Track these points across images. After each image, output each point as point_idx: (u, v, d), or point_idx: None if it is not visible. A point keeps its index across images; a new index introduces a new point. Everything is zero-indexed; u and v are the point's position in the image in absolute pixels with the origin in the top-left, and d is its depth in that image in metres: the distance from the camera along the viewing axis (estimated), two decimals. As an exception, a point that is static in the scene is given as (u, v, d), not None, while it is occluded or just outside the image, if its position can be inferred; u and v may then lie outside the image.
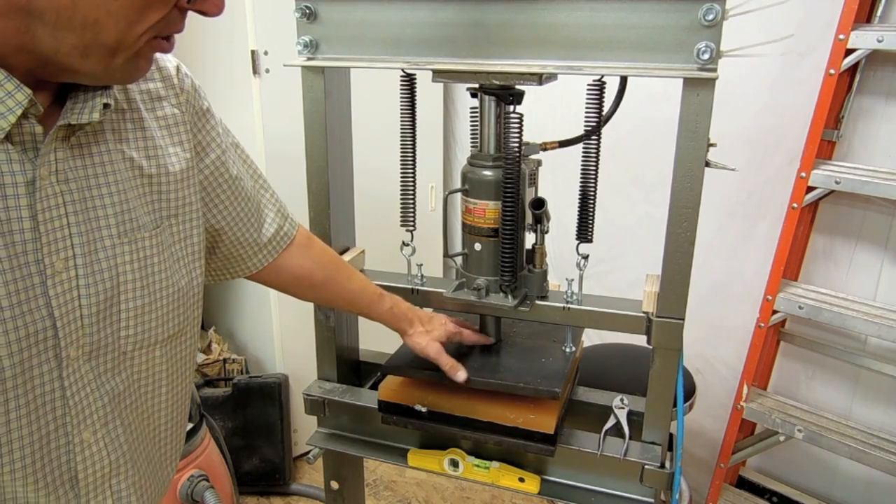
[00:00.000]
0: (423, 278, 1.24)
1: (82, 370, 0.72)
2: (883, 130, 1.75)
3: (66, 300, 0.69)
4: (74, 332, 0.70)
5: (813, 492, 2.04)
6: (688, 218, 0.98)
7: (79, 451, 0.74)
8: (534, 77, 1.00)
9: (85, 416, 0.73)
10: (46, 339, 0.68)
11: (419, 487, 2.47)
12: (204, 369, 2.40)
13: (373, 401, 1.21)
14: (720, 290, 2.08)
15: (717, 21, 0.88)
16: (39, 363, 0.68)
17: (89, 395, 0.73)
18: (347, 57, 1.09)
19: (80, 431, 0.73)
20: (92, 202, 0.70)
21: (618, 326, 1.11)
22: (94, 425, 0.74)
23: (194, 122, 0.85)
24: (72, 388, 0.71)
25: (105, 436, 0.76)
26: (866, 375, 1.88)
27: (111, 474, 0.78)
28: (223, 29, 2.17)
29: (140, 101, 0.78)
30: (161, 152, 0.79)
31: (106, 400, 0.75)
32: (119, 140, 0.74)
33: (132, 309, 0.75)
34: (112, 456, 0.77)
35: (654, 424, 1.11)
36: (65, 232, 0.68)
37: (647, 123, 1.98)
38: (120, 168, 0.73)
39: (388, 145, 1.43)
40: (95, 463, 0.76)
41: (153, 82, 0.80)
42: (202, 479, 1.72)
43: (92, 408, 0.74)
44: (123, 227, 0.73)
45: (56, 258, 0.68)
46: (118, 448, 0.78)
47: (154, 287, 0.77)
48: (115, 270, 0.73)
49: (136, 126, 0.76)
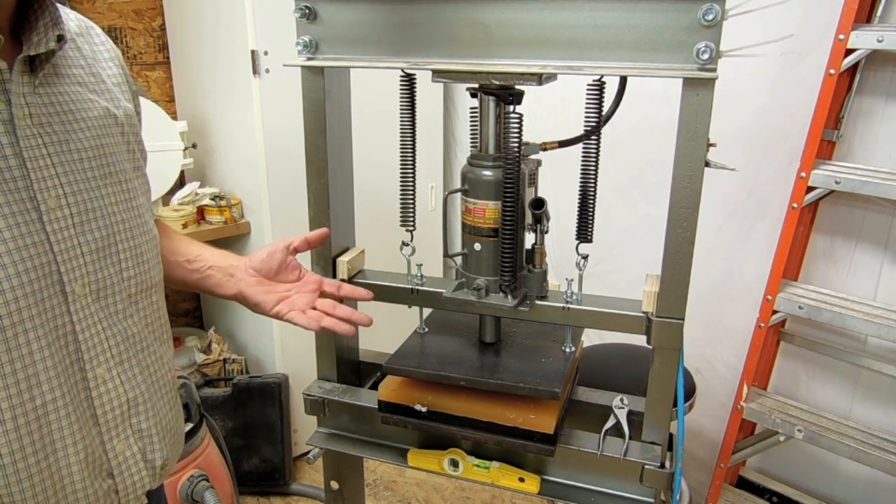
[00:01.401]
0: (422, 278, 1.24)
1: (91, 308, 0.75)
2: (883, 130, 1.75)
3: (64, 237, 0.73)
4: (77, 269, 0.74)
5: (813, 492, 2.04)
6: (688, 218, 0.98)
7: (94, 386, 0.77)
8: (534, 77, 1.00)
9: (97, 352, 0.76)
10: (51, 273, 0.72)
11: (419, 487, 2.47)
12: (204, 369, 2.40)
13: (373, 401, 1.21)
14: (720, 290, 2.08)
15: (717, 21, 0.88)
16: (49, 296, 0.72)
17: (100, 332, 0.77)
18: (347, 57, 1.09)
19: (94, 367, 0.76)
20: (69, 145, 0.74)
21: (618, 326, 1.11)
22: (108, 362, 0.78)
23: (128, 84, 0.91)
24: (81, 325, 0.75)
25: (121, 374, 0.79)
26: (866, 375, 1.88)
27: (130, 412, 0.81)
28: (223, 29, 2.17)
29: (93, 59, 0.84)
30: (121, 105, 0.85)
31: (119, 339, 0.79)
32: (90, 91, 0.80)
33: (128, 250, 0.79)
34: (130, 394, 0.80)
35: (654, 424, 1.11)
36: (51, 171, 0.72)
37: (647, 123, 1.98)
38: (93, 115, 0.78)
39: (388, 145, 1.43)
40: (113, 399, 0.79)
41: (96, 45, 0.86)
42: (202, 479, 1.72)
43: (104, 345, 0.77)
44: (104, 169, 0.77)
45: (48, 195, 0.71)
46: (136, 387, 0.81)
47: (142, 229, 0.81)
48: (107, 210, 0.77)
49: (98, 80, 0.82)
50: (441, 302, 1.21)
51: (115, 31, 2.43)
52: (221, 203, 2.32)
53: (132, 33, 2.47)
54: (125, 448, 0.81)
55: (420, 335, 1.28)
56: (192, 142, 2.34)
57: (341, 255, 1.25)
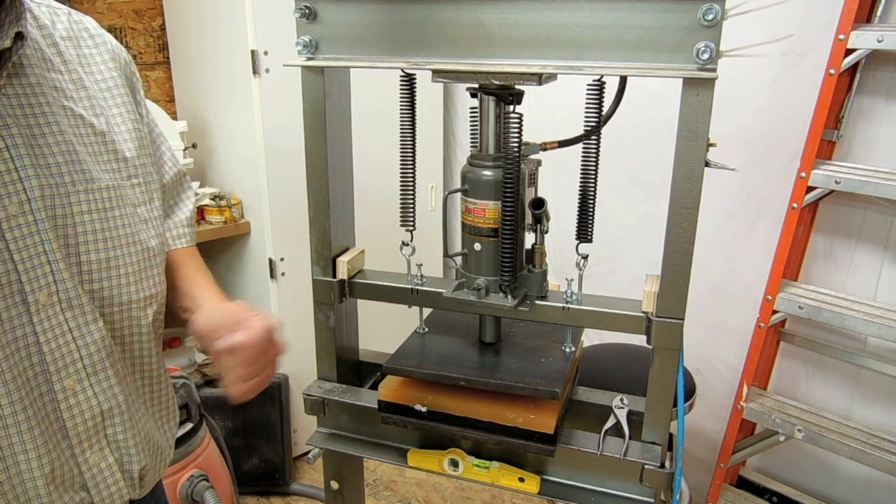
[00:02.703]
0: (422, 278, 1.24)
1: (60, 318, 0.72)
2: (883, 130, 1.75)
3: (26, 244, 0.70)
4: (42, 278, 0.71)
5: (813, 492, 2.04)
6: (688, 218, 0.98)
7: (62, 398, 0.74)
8: (534, 77, 0.99)
9: (66, 363, 0.73)
10: (11, 282, 0.69)
11: (419, 487, 2.47)
12: (204, 369, 2.40)
13: (373, 401, 1.21)
14: (720, 290, 2.08)
15: (717, 21, 0.88)
16: (7, 307, 0.69)
17: (69, 343, 0.73)
18: (347, 57, 1.09)
19: (62, 379, 0.73)
20: (39, 150, 0.72)
21: (618, 326, 1.11)
22: (78, 373, 0.75)
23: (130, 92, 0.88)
24: (46, 335, 0.72)
25: (95, 384, 0.76)
26: (866, 375, 1.88)
27: (105, 423, 0.78)
28: (223, 29, 2.17)
29: (77, 64, 0.81)
30: (107, 112, 0.81)
31: (92, 349, 0.75)
32: (66, 98, 0.77)
33: (95, 262, 0.75)
34: (105, 405, 0.78)
35: (654, 424, 1.11)
36: (13, 176, 0.69)
37: (647, 123, 1.98)
38: (64, 122, 0.75)
39: (388, 145, 1.43)
40: (84, 412, 0.76)
41: (87, 49, 0.83)
42: (202, 479, 1.72)
43: (74, 356, 0.74)
44: (74, 177, 0.74)
45: (9, 202, 0.68)
46: (112, 398, 0.78)
47: (118, 242, 0.77)
48: (73, 219, 0.74)
49: (79, 86, 0.79)
50: (441, 302, 1.21)
51: (115, 31, 2.43)
52: (221, 203, 2.32)
53: (132, 33, 2.48)
54: (99, 460, 0.79)
55: (420, 335, 1.28)
56: (192, 142, 2.34)
57: (341, 255, 1.25)
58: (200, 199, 2.33)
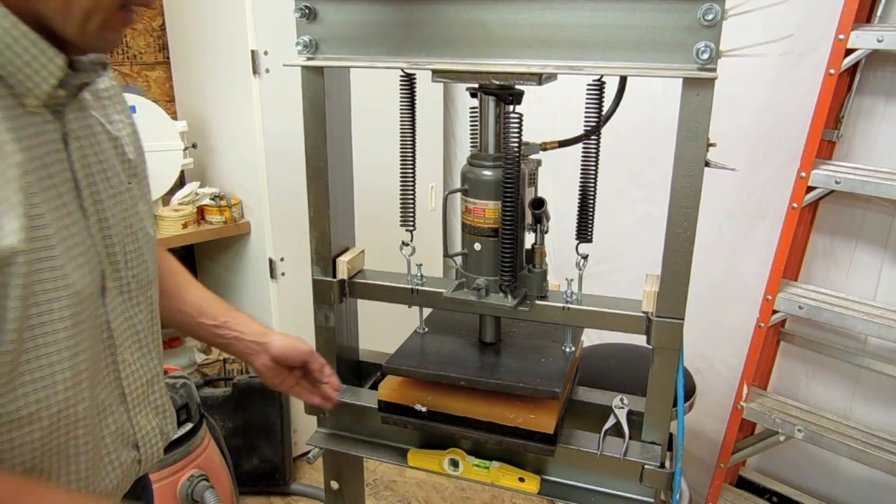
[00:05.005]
0: (422, 278, 1.24)
1: (116, 301, 0.85)
2: (883, 130, 1.75)
3: (103, 237, 0.82)
4: (111, 266, 0.83)
5: (813, 492, 2.04)
6: (687, 218, 0.98)
7: (122, 367, 0.86)
8: (534, 77, 1.00)
9: (123, 338, 0.86)
10: (99, 273, 0.81)
11: (419, 487, 2.47)
12: (204, 369, 2.40)
13: (373, 401, 1.21)
14: (720, 290, 2.08)
15: (717, 21, 0.88)
16: (91, 293, 0.79)
17: (123, 322, 0.86)
18: (347, 57, 1.09)
19: (122, 352, 0.86)
20: (94, 157, 0.82)
21: (617, 326, 1.11)
22: (130, 348, 0.87)
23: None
24: (110, 315, 0.84)
25: (141, 357, 0.89)
26: (866, 375, 1.88)
27: (149, 390, 0.92)
28: (223, 29, 2.18)
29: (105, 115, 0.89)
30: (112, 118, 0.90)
31: (139, 328, 0.89)
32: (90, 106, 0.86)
33: (135, 251, 0.88)
34: (148, 374, 0.91)
35: (654, 424, 1.11)
36: (89, 180, 0.80)
37: (647, 123, 1.98)
38: (99, 130, 0.85)
39: (388, 145, 1.43)
40: (137, 379, 0.89)
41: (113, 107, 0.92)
42: (202, 479, 1.72)
43: (126, 333, 0.87)
44: (113, 180, 0.85)
45: (89, 202, 0.80)
46: (153, 368, 0.92)
47: (144, 232, 0.90)
48: (122, 215, 0.85)
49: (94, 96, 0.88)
50: (441, 302, 1.21)
51: (115, 31, 2.42)
52: (221, 203, 2.32)
53: (132, 33, 2.47)
54: (146, 423, 0.91)
55: (420, 335, 1.28)
56: (191, 142, 2.34)
57: (341, 254, 1.25)
58: (200, 199, 2.33)
